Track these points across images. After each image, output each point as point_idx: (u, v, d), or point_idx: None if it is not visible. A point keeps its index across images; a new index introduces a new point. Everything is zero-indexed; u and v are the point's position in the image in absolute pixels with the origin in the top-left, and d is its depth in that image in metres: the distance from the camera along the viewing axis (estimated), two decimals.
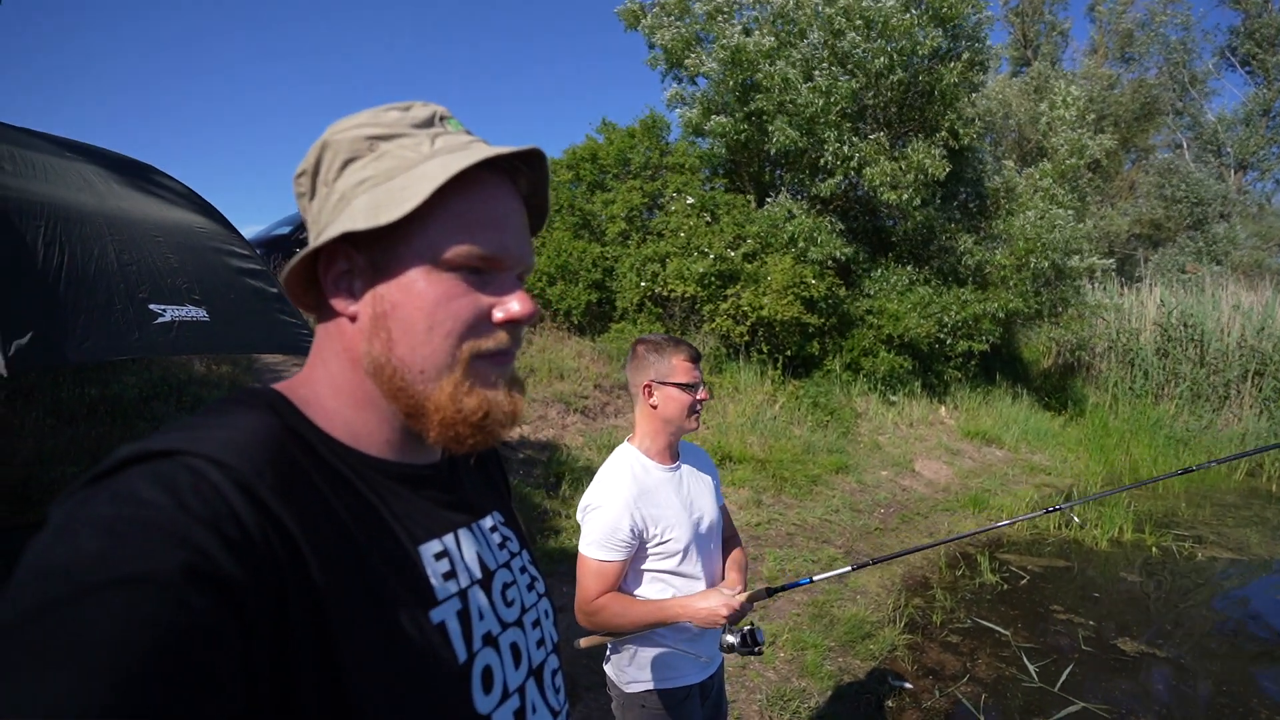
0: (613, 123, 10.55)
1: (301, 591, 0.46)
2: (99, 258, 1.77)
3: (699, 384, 1.55)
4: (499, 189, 0.58)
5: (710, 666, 1.61)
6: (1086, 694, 3.34)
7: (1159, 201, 19.15)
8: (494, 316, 0.57)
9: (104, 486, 0.43)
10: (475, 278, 0.56)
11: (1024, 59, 20.50)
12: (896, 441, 8.10)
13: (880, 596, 4.38)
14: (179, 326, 1.91)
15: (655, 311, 8.75)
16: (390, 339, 0.55)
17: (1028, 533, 5.90)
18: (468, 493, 0.67)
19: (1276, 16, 20.23)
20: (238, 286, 2.25)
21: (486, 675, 0.57)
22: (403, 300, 0.55)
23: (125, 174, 2.19)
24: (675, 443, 1.62)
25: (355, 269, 0.56)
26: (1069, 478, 7.93)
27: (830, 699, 3.16)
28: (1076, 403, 10.81)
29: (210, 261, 2.19)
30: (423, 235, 0.54)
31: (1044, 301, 10.09)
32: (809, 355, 8.89)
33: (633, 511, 1.46)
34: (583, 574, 1.47)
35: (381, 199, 0.53)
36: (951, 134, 9.51)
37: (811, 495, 6.15)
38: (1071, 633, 4.01)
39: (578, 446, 6.05)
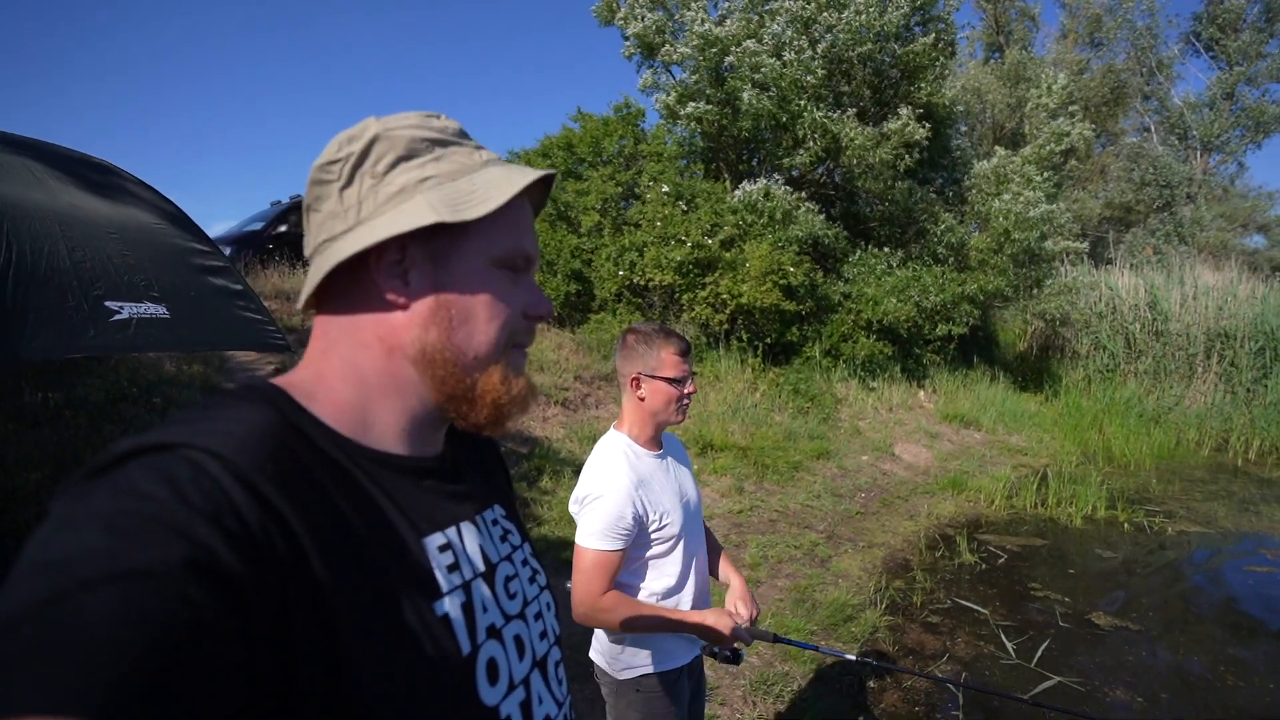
0: (589, 113, 10.47)
1: (303, 584, 0.45)
2: (50, 255, 1.70)
3: (687, 378, 1.55)
4: (527, 202, 0.66)
5: (696, 645, 1.62)
6: (1062, 668, 3.41)
7: (1129, 185, 19.48)
8: (527, 312, 0.64)
9: (103, 480, 0.43)
10: (514, 277, 0.62)
11: (997, 45, 20.67)
12: (876, 426, 8.17)
13: (861, 579, 4.43)
14: (137, 324, 1.85)
15: (634, 301, 8.72)
16: (450, 327, 0.59)
17: (1005, 512, 6.00)
18: (470, 485, 0.68)
19: (1238, 2, 20.59)
20: (199, 284, 2.18)
21: (491, 667, 0.58)
22: (465, 292, 0.59)
23: (79, 170, 2.11)
24: (660, 433, 1.63)
25: (409, 261, 0.58)
26: (1044, 458, 8.07)
27: (813, 681, 3.18)
28: (1052, 383, 11.00)
29: (170, 258, 2.13)
30: (484, 235, 0.59)
31: (1020, 282, 10.25)
32: (789, 342, 8.92)
33: (634, 498, 1.45)
34: (584, 567, 1.42)
35: (457, 197, 0.57)
36: (929, 99, 9.59)
37: (793, 481, 6.19)
38: (1048, 609, 4.09)
39: (559, 439, 6.02)
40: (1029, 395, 10.43)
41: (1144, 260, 13.69)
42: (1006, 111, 14.80)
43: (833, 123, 9.02)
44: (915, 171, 10.07)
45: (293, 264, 8.51)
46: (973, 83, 14.78)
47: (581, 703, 2.81)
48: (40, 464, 3.63)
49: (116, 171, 2.26)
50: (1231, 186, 21.83)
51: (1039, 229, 9.68)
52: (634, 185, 9.61)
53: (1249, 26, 20.59)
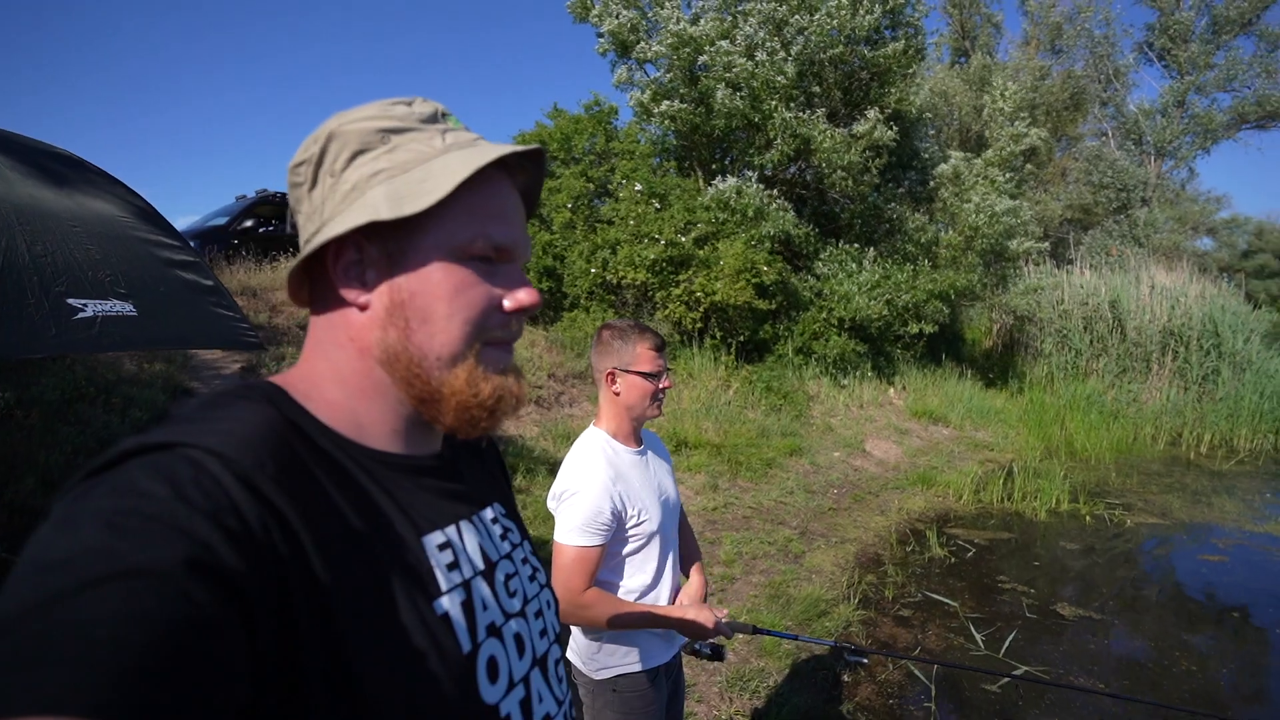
0: (564, 109, 10.43)
1: (304, 583, 0.45)
2: (7, 250, 1.62)
3: (662, 372, 1.56)
4: (504, 184, 0.61)
5: (674, 646, 1.62)
6: (1029, 658, 3.50)
7: (1088, 187, 20.06)
8: (504, 305, 0.59)
9: (104, 479, 0.43)
10: (486, 268, 0.58)
11: (963, 49, 21.11)
12: (848, 423, 8.29)
13: (835, 574, 4.48)
14: (102, 322, 1.77)
15: (607, 299, 8.70)
16: (408, 327, 0.56)
17: (972, 507, 6.13)
18: (469, 484, 0.68)
19: (1188, 14, 21.36)
20: (168, 279, 2.10)
21: (492, 665, 0.58)
22: (421, 289, 0.56)
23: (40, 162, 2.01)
24: (639, 428, 1.62)
25: (367, 259, 0.56)
26: (1010, 453, 8.27)
27: (789, 677, 3.21)
28: (1017, 380, 11.28)
29: (137, 253, 2.04)
30: (441, 226, 0.56)
31: (988, 280, 10.50)
32: (761, 340, 8.99)
33: (612, 494, 1.45)
34: (563, 564, 1.42)
35: (402, 190, 0.54)
36: (898, 105, 9.76)
37: (766, 478, 6.24)
38: (1015, 601, 4.19)
39: (533, 437, 5.98)
40: (995, 392, 10.68)
41: (1103, 261, 14.10)
42: (972, 115, 15.12)
43: (803, 124, 9.12)
44: (885, 171, 10.25)
45: (259, 260, 8.30)
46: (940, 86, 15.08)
47: None
48: None
49: (81, 164, 2.16)
50: (1183, 191, 22.64)
51: (1004, 224, 9.93)
52: (606, 182, 9.58)
53: (1197, 38, 21.38)
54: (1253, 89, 20.78)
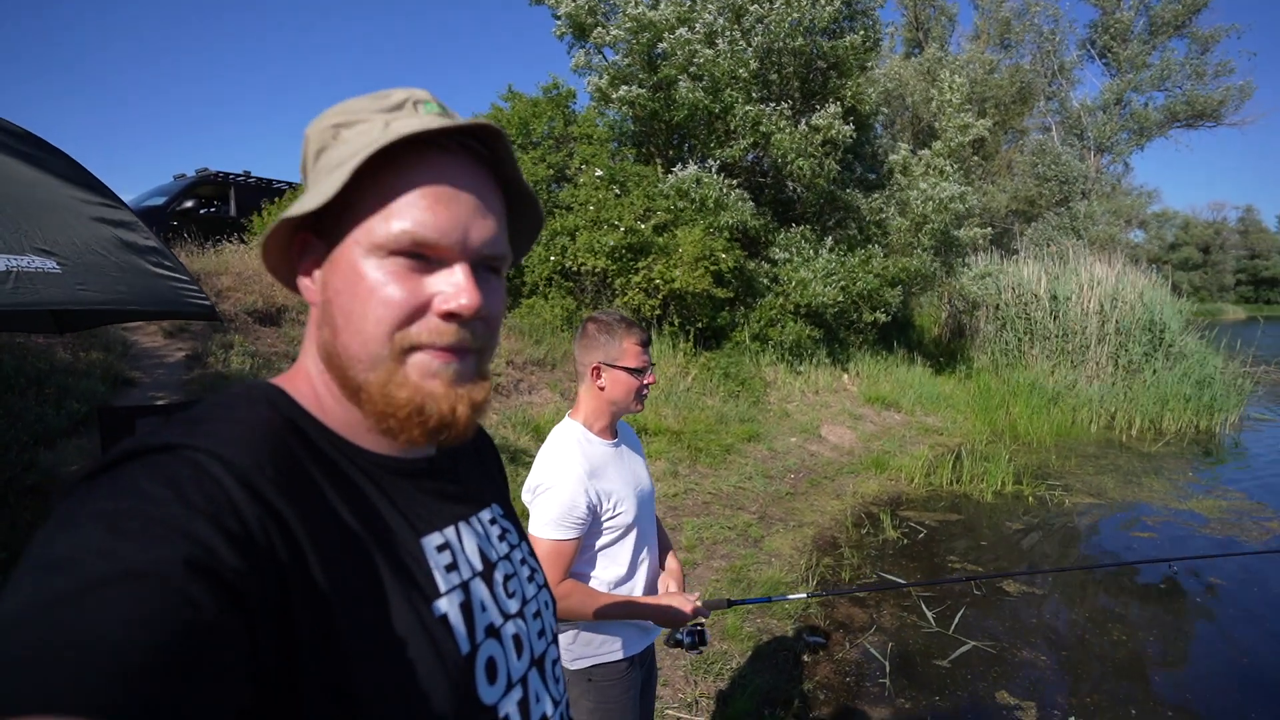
0: (519, 92, 10.21)
1: (303, 584, 0.46)
2: None
3: (648, 368, 1.56)
4: (448, 169, 0.54)
5: (649, 636, 1.63)
6: (976, 634, 3.65)
7: (1032, 179, 20.80)
8: (435, 307, 0.54)
9: (105, 480, 0.43)
10: (419, 264, 0.53)
11: (917, 41, 21.52)
12: (804, 409, 8.45)
13: (793, 558, 4.59)
14: (18, 277, 1.64)
15: (565, 286, 8.63)
16: (335, 326, 0.54)
17: (923, 490, 6.34)
18: (467, 485, 0.67)
19: (1127, 14, 22.25)
20: (101, 236, 1.95)
21: (490, 666, 0.58)
22: (342, 286, 0.54)
23: None
24: (616, 422, 1.62)
25: (316, 256, 0.56)
26: (958, 437, 8.58)
27: (751, 659, 3.28)
28: (965, 366, 11.68)
29: (61, 210, 1.89)
30: (359, 219, 0.53)
31: (937, 267, 10.82)
32: (719, 327, 9.07)
33: (587, 487, 1.45)
34: (539, 557, 1.43)
35: (321, 184, 0.52)
36: (855, 101, 9.91)
37: (725, 464, 6.33)
38: None
39: (491, 425, 5.91)
40: (944, 378, 11.03)
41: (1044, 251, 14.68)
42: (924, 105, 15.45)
43: (764, 118, 9.18)
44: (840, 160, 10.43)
45: (200, 243, 7.93)
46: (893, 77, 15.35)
47: None
48: None
49: None
50: (1119, 185, 23.68)
51: (952, 210, 10.23)
52: (564, 168, 9.46)
53: (1136, 38, 22.33)
54: (1183, 90, 21.86)
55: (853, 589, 4.19)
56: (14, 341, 4.45)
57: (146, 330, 5.70)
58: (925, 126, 14.74)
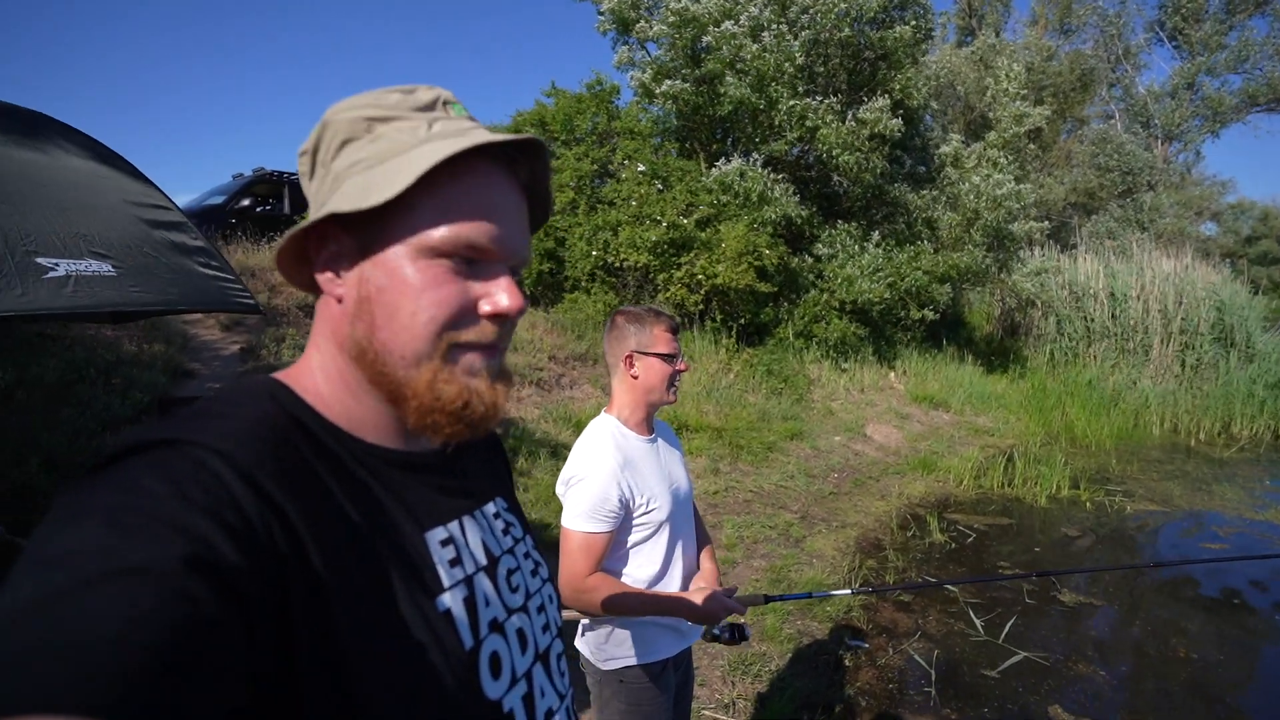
0: (563, 88, 10.25)
1: (304, 580, 0.45)
2: None
3: (678, 355, 1.55)
4: (493, 177, 0.57)
5: (686, 640, 1.60)
6: (1029, 644, 3.51)
7: (1093, 171, 19.89)
8: (480, 309, 0.56)
9: (105, 476, 0.43)
10: (465, 267, 0.55)
11: (969, 28, 20.80)
12: (848, 407, 8.28)
13: (835, 559, 4.49)
14: (76, 281, 1.72)
15: (608, 281, 8.64)
16: (373, 323, 0.55)
17: (973, 492, 6.14)
18: (470, 479, 0.67)
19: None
20: (153, 240, 2.03)
21: (494, 661, 0.58)
22: (388, 284, 0.54)
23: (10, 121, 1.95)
24: (653, 415, 1.61)
25: (343, 250, 0.56)
26: (1011, 438, 8.28)
27: (790, 661, 3.23)
28: (1018, 365, 11.26)
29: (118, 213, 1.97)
30: (412, 220, 0.54)
31: (989, 263, 10.45)
32: (762, 323, 8.96)
33: (619, 480, 1.43)
34: (569, 549, 1.42)
35: (372, 182, 0.52)
36: (904, 95, 9.63)
37: (767, 462, 6.25)
38: (1014, 587, 4.20)
39: (533, 420, 5.97)
40: (996, 377, 10.66)
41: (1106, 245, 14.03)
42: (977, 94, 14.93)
43: (809, 112, 9.00)
44: (888, 154, 10.16)
45: (256, 240, 8.23)
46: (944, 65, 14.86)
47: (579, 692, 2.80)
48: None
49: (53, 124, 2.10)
50: (1188, 175, 22.47)
51: (1006, 207, 9.86)
52: (608, 163, 9.47)
53: (1210, 17, 21.05)
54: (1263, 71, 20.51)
55: (900, 587, 4.08)
56: (86, 334, 4.69)
57: (205, 324, 5.94)
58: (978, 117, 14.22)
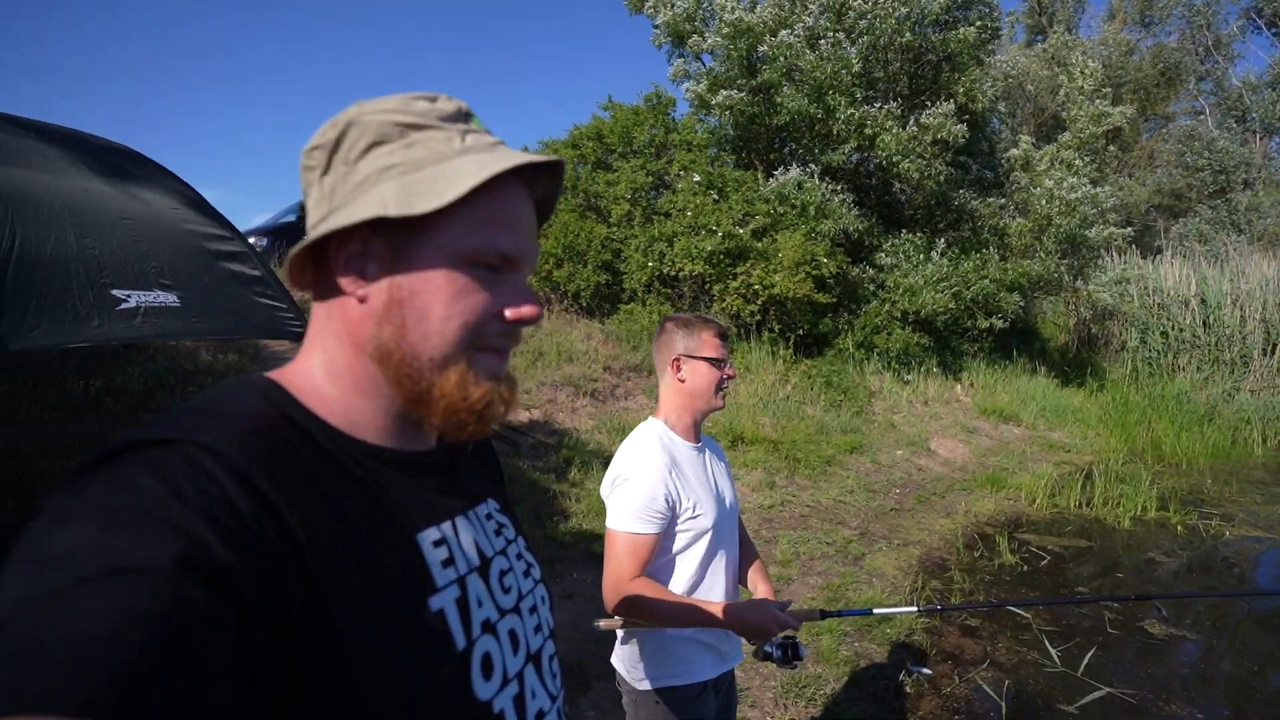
0: (619, 102, 10.35)
1: (299, 580, 0.45)
2: (56, 242, 1.69)
3: (727, 360, 1.53)
4: (519, 192, 0.60)
5: (727, 662, 1.53)
6: (1112, 678, 3.25)
7: (1180, 170, 18.66)
8: (504, 315, 0.59)
9: (99, 474, 0.43)
10: (489, 275, 0.58)
11: (1039, 27, 19.95)
12: (912, 420, 7.97)
13: (896, 579, 4.30)
14: (145, 312, 1.83)
15: (664, 292, 8.62)
16: (404, 326, 0.56)
17: (1047, 511, 5.79)
18: (464, 480, 0.68)
19: None
20: (215, 270, 2.16)
21: (486, 662, 0.58)
22: (421, 289, 0.55)
23: (95, 157, 2.10)
24: (700, 422, 1.58)
25: (370, 252, 0.56)
26: (1089, 455, 7.78)
27: (847, 685, 3.08)
28: (1096, 378, 10.61)
29: (185, 244, 2.10)
30: (449, 229, 0.55)
31: (1063, 271, 9.91)
32: (821, 333, 8.76)
33: (667, 481, 1.40)
34: (614, 551, 1.38)
35: (414, 188, 0.54)
36: (969, 98, 9.27)
37: (825, 476, 6.06)
38: (1095, 615, 3.90)
39: (588, 430, 5.98)
40: (1072, 390, 10.07)
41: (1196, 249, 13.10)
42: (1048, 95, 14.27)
43: (869, 121, 8.77)
44: (952, 161, 9.79)
45: None
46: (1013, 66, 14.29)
47: (607, 700, 2.76)
48: (80, 451, 3.71)
49: (136, 158, 2.25)
50: None
51: (1081, 213, 9.33)
52: (664, 175, 9.48)
53: None
54: None
55: (975, 605, 3.86)
56: (167, 345, 4.98)
57: None
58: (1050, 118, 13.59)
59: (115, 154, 2.19)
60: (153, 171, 2.24)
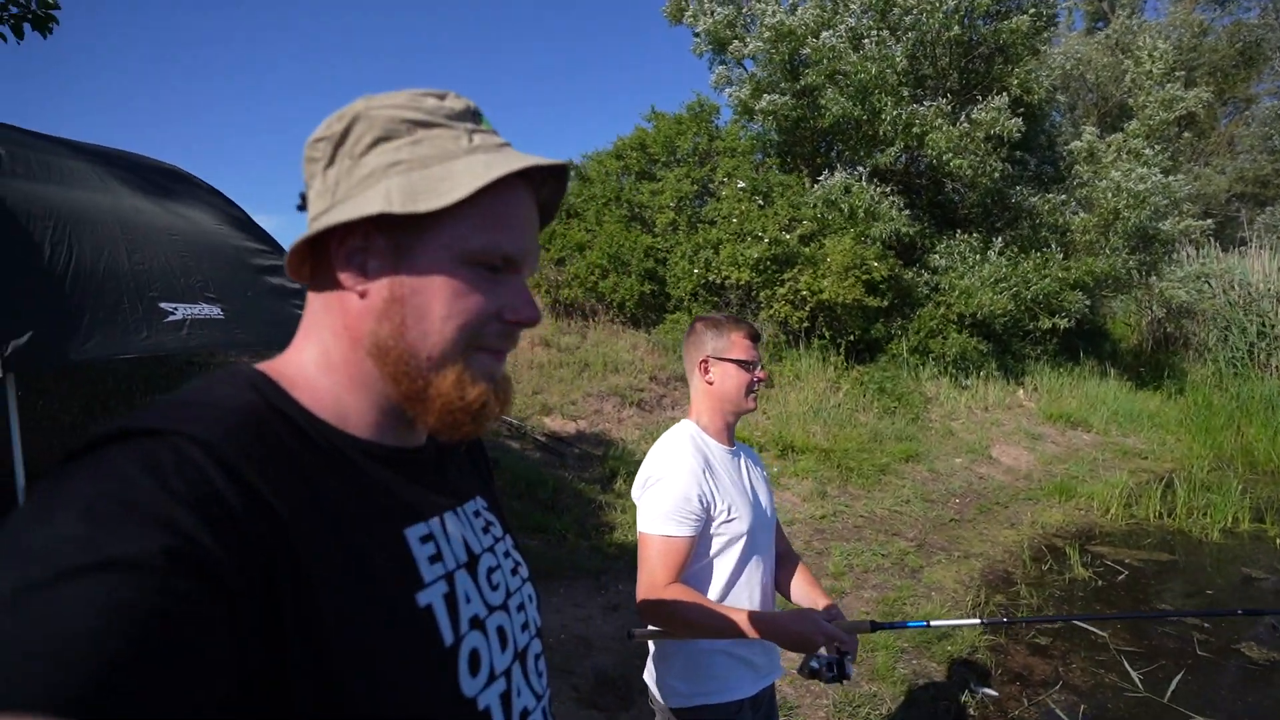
0: (662, 111, 10.37)
1: (286, 573, 0.45)
2: (109, 258, 1.78)
3: (757, 363, 1.48)
4: (524, 194, 0.60)
5: (765, 678, 1.45)
6: (1204, 706, 2.98)
7: (1265, 156, 17.45)
8: (504, 316, 0.59)
9: (84, 464, 0.42)
10: (490, 276, 0.57)
11: (1100, 13, 19.07)
12: (971, 427, 7.64)
13: (957, 593, 4.08)
14: (190, 324, 1.91)
15: (710, 300, 8.54)
16: (403, 323, 0.55)
17: (1124, 523, 5.42)
18: (452, 477, 0.68)
19: None
20: (257, 284, 2.25)
21: (473, 658, 0.58)
22: (422, 287, 0.55)
23: (145, 176, 2.21)
24: (733, 425, 1.53)
25: (372, 248, 0.56)
26: (1169, 462, 7.29)
27: (903, 705, 2.93)
28: (1174, 379, 9.96)
29: (229, 259, 2.19)
30: (453, 228, 0.55)
31: (1132, 268, 9.35)
32: (873, 339, 8.51)
33: (700, 481, 1.35)
34: (647, 556, 1.31)
35: (419, 186, 0.53)
36: (1024, 90, 8.89)
37: (880, 485, 5.85)
38: (1183, 635, 3.61)
39: (633, 440, 5.94)
40: (1147, 393, 9.48)
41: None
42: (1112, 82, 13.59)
43: (917, 120, 8.51)
44: (1009, 156, 9.39)
45: None
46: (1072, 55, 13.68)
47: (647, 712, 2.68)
48: None
49: (185, 177, 2.36)
50: None
51: (1152, 204, 8.79)
52: (708, 182, 9.43)
53: None
54: None
55: (1048, 619, 3.63)
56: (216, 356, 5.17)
57: None
58: (1114, 107, 12.92)
59: (164, 173, 2.31)
60: (199, 190, 2.36)
